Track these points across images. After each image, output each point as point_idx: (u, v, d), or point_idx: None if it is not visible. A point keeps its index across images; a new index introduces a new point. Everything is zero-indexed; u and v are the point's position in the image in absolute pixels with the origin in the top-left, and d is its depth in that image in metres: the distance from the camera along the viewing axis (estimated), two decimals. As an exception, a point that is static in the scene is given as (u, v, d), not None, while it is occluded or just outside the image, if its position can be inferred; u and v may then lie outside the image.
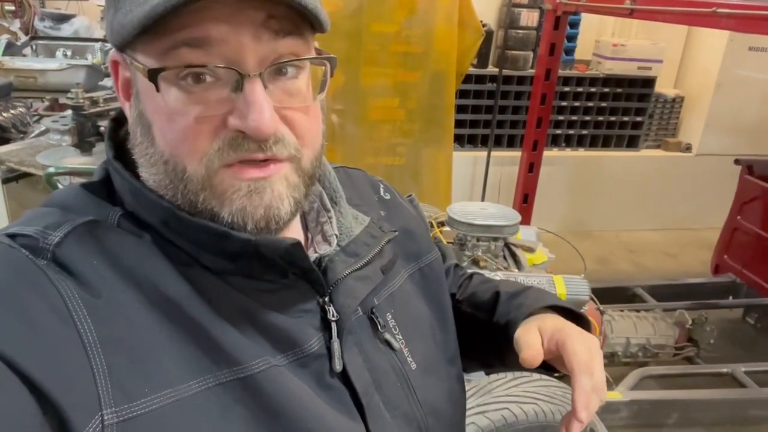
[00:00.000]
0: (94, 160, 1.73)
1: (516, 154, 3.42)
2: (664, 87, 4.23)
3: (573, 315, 0.65)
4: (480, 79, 3.74)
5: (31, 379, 0.38)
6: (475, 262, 1.97)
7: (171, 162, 0.46)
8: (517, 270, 1.98)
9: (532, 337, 0.58)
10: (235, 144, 0.45)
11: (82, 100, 1.63)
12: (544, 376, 1.63)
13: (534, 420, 1.46)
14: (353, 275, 0.56)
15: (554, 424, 1.47)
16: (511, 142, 3.93)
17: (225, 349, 0.46)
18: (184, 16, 0.42)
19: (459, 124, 3.56)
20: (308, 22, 0.47)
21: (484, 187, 3.65)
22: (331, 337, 0.52)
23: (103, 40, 3.17)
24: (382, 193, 0.69)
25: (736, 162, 2.87)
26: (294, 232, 0.56)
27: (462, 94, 3.64)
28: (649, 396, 2.07)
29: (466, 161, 3.74)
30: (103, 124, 1.72)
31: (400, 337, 0.58)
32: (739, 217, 2.84)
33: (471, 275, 0.79)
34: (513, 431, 1.46)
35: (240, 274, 0.49)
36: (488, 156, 3.61)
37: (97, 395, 0.40)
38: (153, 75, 0.44)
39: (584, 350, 0.55)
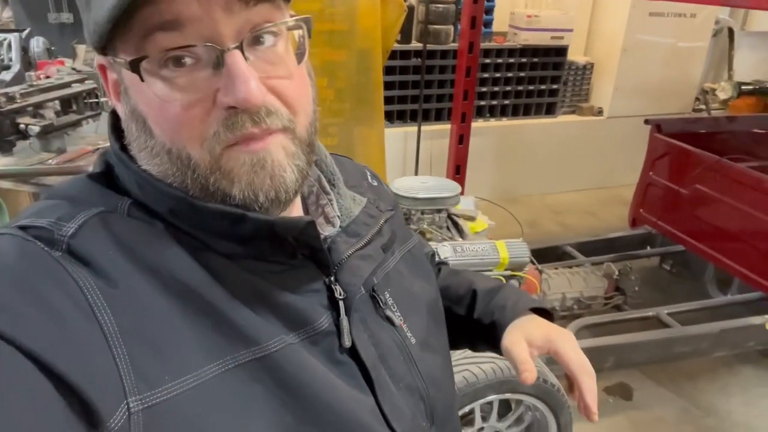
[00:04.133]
0: (16, 161, 1.62)
1: (445, 127, 3.49)
2: (575, 55, 4.44)
3: (541, 311, 0.74)
4: (405, 54, 3.77)
5: (56, 373, 0.38)
6: (422, 234, 2.03)
7: (174, 150, 0.47)
8: (461, 239, 2.06)
9: (523, 353, 0.64)
10: (229, 124, 0.45)
11: (-3, 97, 1.51)
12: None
13: (493, 377, 1.55)
14: (356, 254, 0.58)
15: (512, 379, 1.56)
16: (438, 116, 4.01)
17: (242, 330, 0.46)
18: (152, 1, 0.42)
19: (387, 100, 3.59)
20: None
21: (417, 162, 3.71)
22: (339, 315, 0.54)
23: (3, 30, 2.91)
24: (370, 180, 0.71)
25: (646, 122, 3.08)
26: (297, 213, 0.57)
27: (388, 70, 3.65)
28: (587, 344, 2.21)
29: (397, 137, 3.79)
30: (23, 121, 1.60)
31: (399, 314, 0.61)
32: (651, 173, 3.06)
33: (439, 267, 0.84)
34: (475, 390, 1.54)
35: (249, 257, 0.50)
36: (418, 131, 3.67)
37: (122, 384, 0.40)
38: (135, 66, 0.44)
39: (576, 354, 0.65)
